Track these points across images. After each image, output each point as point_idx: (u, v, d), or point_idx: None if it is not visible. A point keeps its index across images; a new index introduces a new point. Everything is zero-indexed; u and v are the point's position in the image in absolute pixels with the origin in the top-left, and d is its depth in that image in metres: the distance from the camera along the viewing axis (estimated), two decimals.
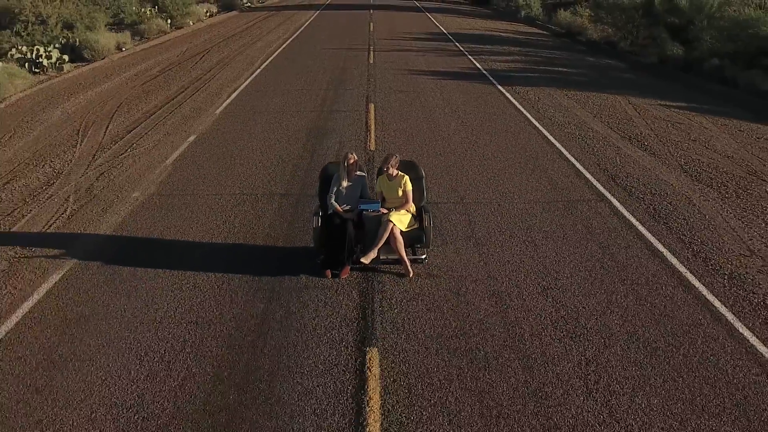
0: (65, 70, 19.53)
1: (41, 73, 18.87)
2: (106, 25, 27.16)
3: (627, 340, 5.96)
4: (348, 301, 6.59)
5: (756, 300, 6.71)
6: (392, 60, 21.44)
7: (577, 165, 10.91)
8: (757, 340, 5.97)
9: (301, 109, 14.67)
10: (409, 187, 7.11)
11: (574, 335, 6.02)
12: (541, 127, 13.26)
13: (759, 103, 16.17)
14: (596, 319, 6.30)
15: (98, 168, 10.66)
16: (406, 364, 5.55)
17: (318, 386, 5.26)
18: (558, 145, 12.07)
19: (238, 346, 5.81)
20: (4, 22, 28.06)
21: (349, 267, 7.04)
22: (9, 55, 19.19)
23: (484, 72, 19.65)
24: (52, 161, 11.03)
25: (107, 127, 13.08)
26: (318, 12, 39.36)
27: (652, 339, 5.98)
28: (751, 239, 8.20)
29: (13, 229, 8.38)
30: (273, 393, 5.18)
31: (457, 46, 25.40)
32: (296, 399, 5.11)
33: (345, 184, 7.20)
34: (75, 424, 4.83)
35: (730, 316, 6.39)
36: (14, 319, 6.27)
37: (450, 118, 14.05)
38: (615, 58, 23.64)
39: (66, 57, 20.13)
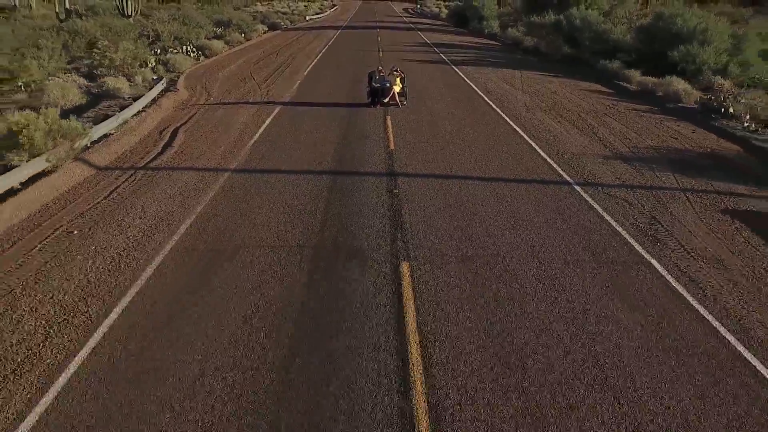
0: (201, 61, 33.20)
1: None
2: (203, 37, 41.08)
3: (471, 122, 19.47)
4: (379, 112, 20.08)
5: (519, 116, 20.22)
6: (393, 55, 35.13)
7: (477, 90, 24.54)
8: (516, 126, 19.42)
9: (344, 74, 28.25)
10: (398, 77, 20.73)
11: (458, 124, 19.52)
12: (466, 78, 26.96)
13: (596, 75, 29.80)
14: (461, 117, 19.83)
15: (265, 89, 24.23)
16: (398, 121, 19.03)
17: (373, 121, 18.75)
18: (472, 84, 25.71)
19: (345, 116, 19.29)
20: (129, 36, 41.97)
21: (379, 104, 20.60)
22: (171, 51, 32.88)
23: (447, 61, 33.41)
24: (241, 88, 24.60)
25: (254, 79, 26.71)
26: (339, 31, 53.49)
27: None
28: (530, 104, 21.72)
29: (249, 100, 21.88)
30: (357, 126, 18.66)
31: (434, 49, 39.30)
32: (363, 121, 18.59)
33: (377, 77, 20.80)
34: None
35: (506, 118, 19.90)
36: (268, 120, 19.62)
37: (422, 76, 27.65)
38: (535, 57, 37.35)
39: (200, 52, 33.87)
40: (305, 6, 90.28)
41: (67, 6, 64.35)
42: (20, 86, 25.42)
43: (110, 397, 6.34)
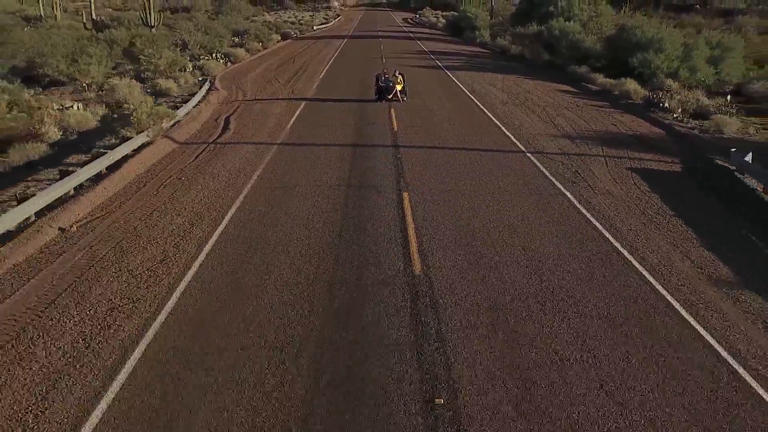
0: (228, 66, 38.37)
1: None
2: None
3: (456, 113, 24.64)
4: (385, 105, 25.21)
5: (495, 108, 25.39)
6: (394, 62, 40.33)
7: (465, 89, 29.72)
8: (492, 115, 24.58)
9: (353, 76, 33.40)
10: (400, 79, 25.94)
11: (447, 114, 24.67)
12: (456, 81, 32.15)
13: (564, 76, 34.98)
14: (450, 110, 24.99)
15: (289, 89, 29.38)
16: (400, 112, 24.16)
17: (380, 112, 23.89)
18: (461, 85, 30.89)
19: (358, 109, 24.43)
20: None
21: (384, 100, 25.77)
22: (203, 58, 38.05)
23: (442, 66, 38.63)
24: (269, 88, 29.74)
25: (278, 81, 31.86)
26: (345, 40, 58.79)
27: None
28: (506, 100, 26.88)
29: (279, 97, 27.03)
30: (368, 115, 23.81)
31: (431, 56, 44.54)
32: (372, 112, 23.73)
33: (383, 78, 25.99)
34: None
35: (485, 110, 25.06)
36: (298, 111, 24.76)
37: (419, 79, 32.81)
38: (519, 63, 42.55)
39: (227, 59, 39.05)
40: (311, 16, 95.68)
41: (94, 17, 69.55)
42: (84, 87, 30.62)
43: (232, 254, 11.44)
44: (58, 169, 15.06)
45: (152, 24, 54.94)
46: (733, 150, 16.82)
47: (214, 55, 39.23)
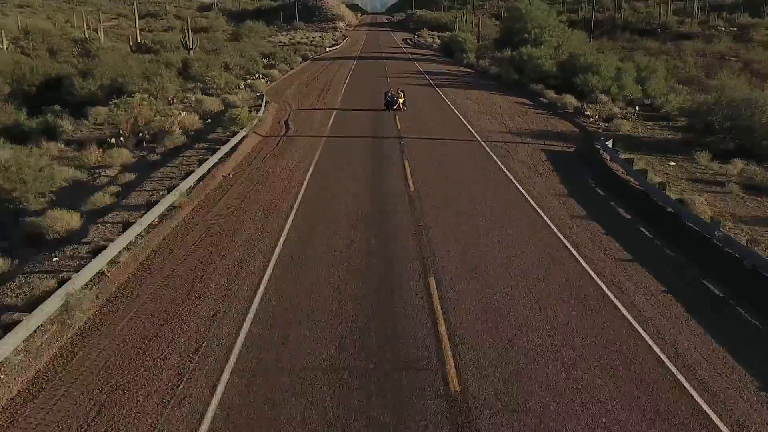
0: (268, 84, 49.54)
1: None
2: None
3: (439, 117, 35.81)
4: (391, 113, 36.34)
5: (467, 115, 36.59)
6: (397, 80, 51.55)
7: (448, 102, 40.95)
8: (464, 119, 35.77)
9: (366, 91, 44.51)
10: (402, 94, 37.15)
11: (433, 118, 35.85)
12: (443, 95, 43.43)
13: (526, 92, 46.21)
14: (435, 116, 36.17)
15: (321, 101, 40.59)
16: (402, 117, 35.30)
17: (388, 117, 35.08)
18: (446, 98, 42.13)
19: (372, 115, 35.58)
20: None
21: (391, 110, 36.97)
22: (248, 78, 49.29)
23: (433, 84, 49.94)
24: (306, 101, 40.92)
25: (311, 95, 43.07)
26: (355, 61, 70.27)
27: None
28: (476, 110, 38.07)
29: (316, 107, 38.18)
30: (379, 119, 34.97)
31: (425, 76, 55.94)
32: (383, 117, 34.89)
33: (389, 94, 37.20)
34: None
35: (459, 115, 36.25)
36: (332, 116, 35.79)
37: (416, 95, 43.96)
38: (495, 81, 53.80)
39: (265, 78, 50.31)
40: (320, 36, 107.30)
41: (138, 41, 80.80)
42: (169, 100, 41.70)
43: (317, 187, 22.58)
44: (210, 148, 26.19)
45: (190, 47, 65.97)
46: (601, 138, 27.97)
47: (256, 75, 50.54)
